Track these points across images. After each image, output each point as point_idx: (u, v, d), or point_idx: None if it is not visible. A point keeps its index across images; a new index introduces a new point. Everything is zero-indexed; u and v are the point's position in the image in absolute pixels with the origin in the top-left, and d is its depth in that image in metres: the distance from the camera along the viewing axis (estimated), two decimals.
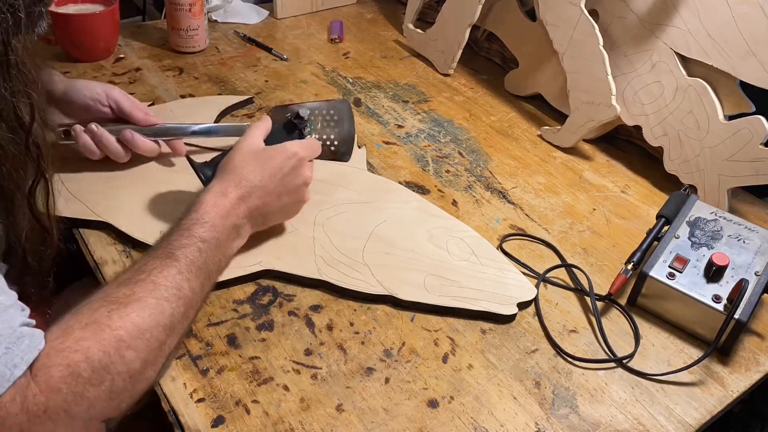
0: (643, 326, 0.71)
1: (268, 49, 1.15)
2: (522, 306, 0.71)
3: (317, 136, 0.84)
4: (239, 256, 0.70)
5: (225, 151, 0.71)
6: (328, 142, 0.85)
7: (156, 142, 0.81)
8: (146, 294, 0.54)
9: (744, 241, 0.73)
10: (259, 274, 0.71)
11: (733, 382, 0.66)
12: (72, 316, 0.52)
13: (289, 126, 0.76)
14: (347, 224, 0.77)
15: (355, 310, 0.69)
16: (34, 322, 0.50)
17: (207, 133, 0.84)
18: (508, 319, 0.69)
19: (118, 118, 0.81)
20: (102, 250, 0.72)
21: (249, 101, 0.99)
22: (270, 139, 0.73)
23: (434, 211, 0.81)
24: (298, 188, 0.70)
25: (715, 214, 0.76)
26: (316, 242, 0.74)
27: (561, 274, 0.77)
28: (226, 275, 0.69)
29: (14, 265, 0.63)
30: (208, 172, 0.70)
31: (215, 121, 0.93)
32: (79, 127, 0.77)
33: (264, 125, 0.73)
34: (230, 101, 0.98)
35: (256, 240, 0.72)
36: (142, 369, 0.52)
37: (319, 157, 0.76)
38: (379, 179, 0.86)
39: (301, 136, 0.76)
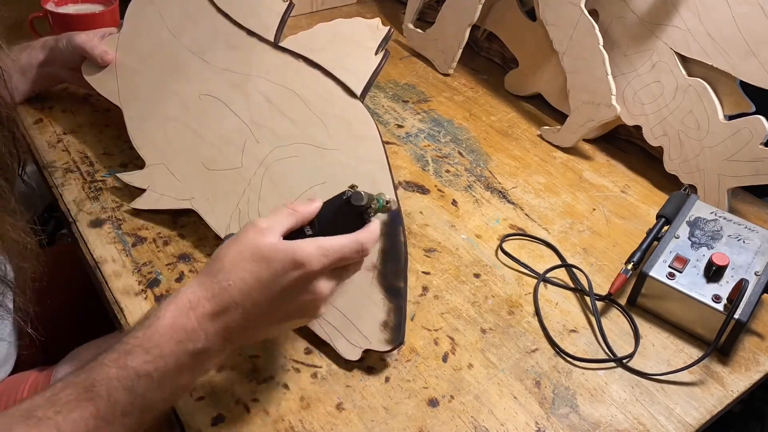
0: (643, 326, 0.71)
1: None
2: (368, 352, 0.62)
3: None
4: (180, 183, 0.65)
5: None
6: None
7: None
8: None
9: (744, 241, 0.73)
10: (185, 210, 0.70)
11: (733, 382, 0.66)
12: None
13: (344, 211, 0.55)
14: (289, 175, 0.67)
15: None
16: None
17: None
18: (346, 361, 0.62)
19: None
20: (102, 249, 0.72)
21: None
22: (323, 227, 0.55)
23: (385, 186, 0.66)
24: (304, 306, 0.53)
25: (715, 214, 0.76)
26: (248, 190, 0.64)
27: (561, 274, 0.77)
28: (163, 204, 0.66)
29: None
30: None
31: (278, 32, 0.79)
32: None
33: (298, 212, 0.54)
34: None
35: (197, 168, 0.71)
36: None
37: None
38: (363, 121, 0.70)
39: (362, 224, 0.55)
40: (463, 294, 0.73)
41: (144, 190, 0.77)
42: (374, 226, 0.55)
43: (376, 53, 0.72)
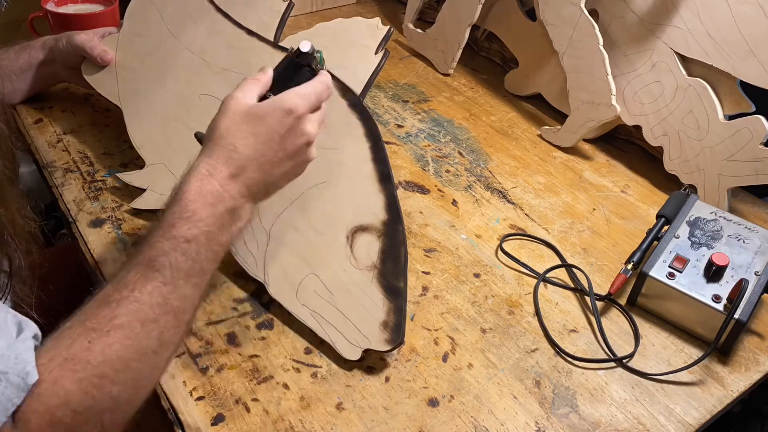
0: (643, 326, 0.71)
1: None
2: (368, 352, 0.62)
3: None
4: (176, 182, 0.65)
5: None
6: None
7: None
8: (129, 317, 0.49)
9: (744, 241, 0.73)
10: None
11: (733, 382, 0.66)
12: (52, 344, 0.48)
13: (292, 67, 0.62)
14: None
15: None
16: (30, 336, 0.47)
17: None
18: (346, 361, 0.62)
19: None
20: (102, 249, 0.72)
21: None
22: (277, 90, 0.60)
23: (375, 200, 0.68)
24: (300, 149, 0.59)
25: (715, 214, 0.76)
26: None
27: (561, 274, 0.77)
28: (152, 204, 0.68)
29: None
30: None
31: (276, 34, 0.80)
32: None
33: (261, 80, 0.61)
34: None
35: None
36: (133, 397, 0.50)
37: None
38: (349, 123, 0.71)
39: (313, 74, 0.62)
40: (463, 294, 0.73)
41: (144, 190, 0.77)
42: (325, 74, 0.62)
43: (376, 52, 0.73)
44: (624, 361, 0.67)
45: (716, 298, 0.67)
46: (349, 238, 0.67)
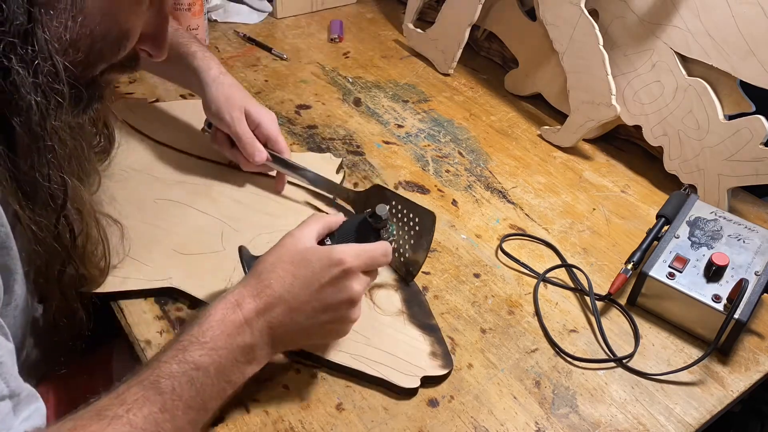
0: (643, 326, 0.71)
1: (268, 49, 1.15)
2: (426, 380, 0.62)
3: (398, 239, 0.70)
4: (149, 267, 0.66)
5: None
6: (402, 251, 0.70)
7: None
8: None
9: (744, 241, 0.73)
10: (165, 290, 0.67)
11: (733, 382, 0.66)
12: None
13: (362, 225, 0.61)
14: None
15: None
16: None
17: (315, 182, 0.80)
18: (406, 392, 0.61)
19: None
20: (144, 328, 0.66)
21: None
22: (338, 241, 0.60)
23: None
24: (340, 305, 0.55)
25: (715, 214, 0.76)
26: (239, 267, 0.61)
27: (561, 274, 0.77)
28: (130, 285, 0.64)
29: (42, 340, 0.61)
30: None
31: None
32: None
33: (326, 221, 0.59)
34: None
35: (167, 254, 0.69)
36: None
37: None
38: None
39: (377, 240, 0.61)
40: (463, 294, 0.73)
41: None
42: (388, 245, 0.60)
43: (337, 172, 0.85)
44: (624, 361, 0.67)
45: (716, 298, 0.67)
46: (367, 294, 0.69)
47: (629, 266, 0.73)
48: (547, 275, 0.76)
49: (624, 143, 1.00)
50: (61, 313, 0.61)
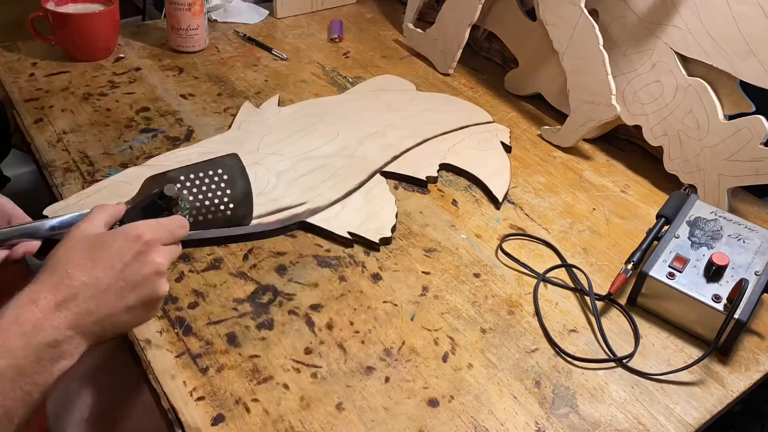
0: (643, 326, 0.71)
1: (268, 49, 1.15)
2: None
3: (207, 203, 0.65)
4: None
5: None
6: (222, 207, 0.66)
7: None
8: None
9: (744, 241, 0.73)
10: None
11: (733, 382, 0.66)
12: None
13: (151, 208, 0.60)
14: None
15: (355, 309, 0.69)
16: None
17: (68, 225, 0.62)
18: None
19: None
20: None
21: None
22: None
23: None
24: (147, 279, 0.52)
25: (715, 214, 0.76)
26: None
27: (561, 274, 0.77)
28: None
29: None
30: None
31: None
32: None
33: (110, 209, 0.56)
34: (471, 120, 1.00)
35: None
36: None
37: (213, 226, 0.64)
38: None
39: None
40: (463, 294, 0.73)
41: None
42: (184, 218, 0.59)
43: None
44: (624, 361, 0.67)
45: (716, 298, 0.67)
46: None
47: (629, 266, 0.73)
48: (547, 275, 0.76)
49: (624, 143, 1.00)
50: None
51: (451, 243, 0.79)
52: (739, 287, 0.65)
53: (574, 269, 0.76)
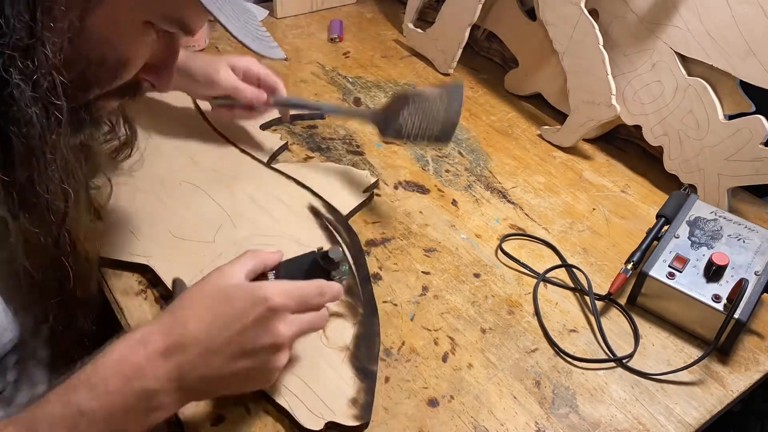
0: (643, 326, 0.71)
1: None
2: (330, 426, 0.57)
3: (424, 125, 0.75)
4: (138, 240, 0.66)
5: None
6: (432, 128, 0.75)
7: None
8: None
9: (744, 241, 0.73)
10: (139, 266, 0.68)
11: (733, 382, 0.66)
12: None
13: (310, 265, 0.57)
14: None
15: None
16: None
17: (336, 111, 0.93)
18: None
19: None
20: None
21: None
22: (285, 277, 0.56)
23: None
24: (263, 350, 0.49)
25: (715, 214, 0.76)
26: (217, 260, 0.60)
27: (561, 274, 0.77)
28: (110, 253, 0.65)
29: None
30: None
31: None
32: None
33: (261, 257, 0.54)
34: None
35: (160, 232, 0.70)
36: None
37: (419, 142, 0.77)
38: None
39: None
40: (463, 294, 0.73)
41: None
42: (337, 284, 0.56)
43: (364, 192, 0.84)
44: (624, 361, 0.67)
45: (716, 298, 0.67)
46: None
47: (629, 266, 0.73)
48: (547, 275, 0.76)
49: (624, 143, 1.00)
50: (59, 320, 0.59)
51: (451, 243, 0.79)
52: (739, 287, 0.65)
53: (574, 269, 0.76)
